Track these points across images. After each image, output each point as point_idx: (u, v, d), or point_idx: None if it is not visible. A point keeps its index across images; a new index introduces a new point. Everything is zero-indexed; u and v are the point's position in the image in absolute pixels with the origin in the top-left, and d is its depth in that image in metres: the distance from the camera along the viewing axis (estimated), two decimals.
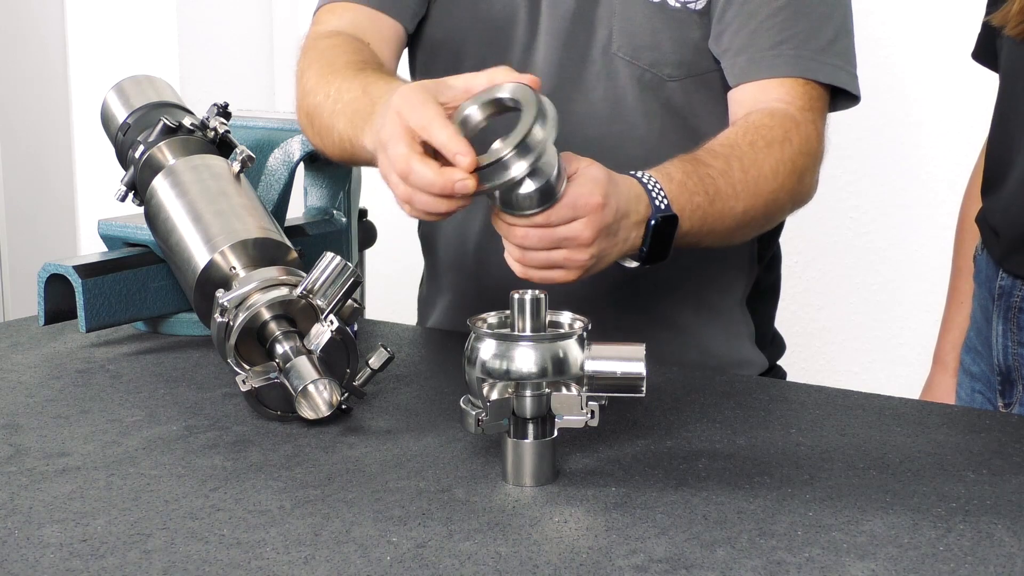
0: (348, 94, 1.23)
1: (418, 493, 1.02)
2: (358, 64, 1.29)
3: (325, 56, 1.33)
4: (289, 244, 1.31)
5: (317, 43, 1.37)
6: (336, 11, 1.44)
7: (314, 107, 1.29)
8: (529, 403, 1.01)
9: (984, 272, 1.52)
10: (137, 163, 1.40)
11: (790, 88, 1.35)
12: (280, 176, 1.54)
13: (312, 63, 1.33)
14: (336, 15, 1.43)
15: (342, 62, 1.30)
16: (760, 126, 1.30)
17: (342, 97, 1.24)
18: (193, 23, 3.04)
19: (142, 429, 1.18)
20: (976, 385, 1.54)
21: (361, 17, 1.42)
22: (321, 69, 1.30)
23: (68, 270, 1.40)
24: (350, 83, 1.24)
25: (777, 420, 1.19)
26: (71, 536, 0.94)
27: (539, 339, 1.01)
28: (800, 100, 1.34)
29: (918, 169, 2.49)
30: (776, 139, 1.29)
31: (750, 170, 1.26)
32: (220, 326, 1.20)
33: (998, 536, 0.94)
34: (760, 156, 1.27)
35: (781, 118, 1.32)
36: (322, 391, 1.15)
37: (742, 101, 1.37)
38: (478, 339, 1.03)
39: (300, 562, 0.90)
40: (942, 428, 1.16)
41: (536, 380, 1.01)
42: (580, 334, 1.03)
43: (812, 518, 0.97)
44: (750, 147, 1.27)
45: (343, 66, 1.29)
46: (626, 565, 0.89)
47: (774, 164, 1.27)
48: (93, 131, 1.85)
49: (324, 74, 1.29)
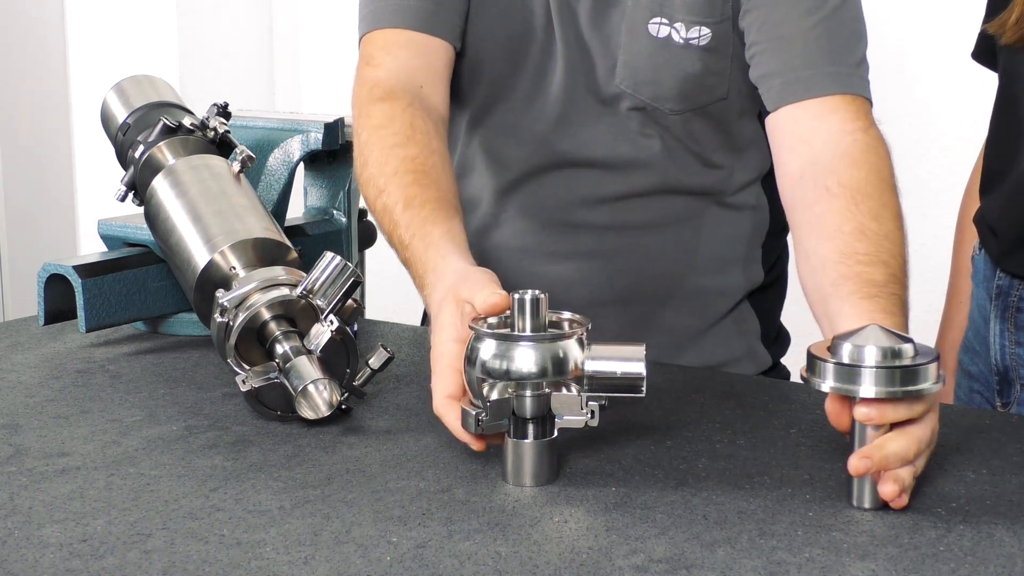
0: (404, 231, 1.22)
1: (418, 493, 1.02)
2: (412, 178, 1.26)
3: (384, 142, 1.30)
4: (289, 244, 1.31)
5: (371, 112, 1.34)
6: (387, 46, 1.40)
7: (379, 209, 1.27)
8: (529, 403, 1.01)
9: (982, 272, 1.52)
10: (137, 163, 1.40)
11: (846, 109, 1.29)
12: (280, 176, 1.54)
13: (371, 147, 1.31)
14: (387, 52, 1.40)
15: (394, 169, 1.27)
16: (861, 186, 1.22)
17: (397, 225, 1.23)
18: (193, 23, 3.04)
19: (142, 429, 1.18)
20: (974, 385, 1.54)
21: (411, 52, 1.39)
22: (380, 167, 1.28)
23: (68, 270, 1.40)
24: (406, 216, 1.23)
25: (777, 420, 1.19)
26: (71, 536, 0.94)
27: (539, 339, 1.01)
28: (860, 119, 1.29)
29: (917, 169, 2.49)
30: (884, 191, 1.23)
31: (895, 247, 1.18)
32: (220, 326, 1.20)
33: (998, 536, 0.94)
34: (888, 226, 1.20)
35: (863, 158, 1.25)
36: (322, 391, 1.15)
37: (795, 133, 1.30)
38: (478, 339, 1.03)
39: (300, 562, 0.90)
40: (942, 428, 1.16)
41: (536, 380, 1.01)
42: (580, 334, 1.03)
43: (812, 518, 0.97)
44: (876, 222, 1.19)
45: (399, 176, 1.26)
46: (626, 565, 0.89)
47: (893, 218, 1.21)
48: (93, 131, 1.85)
49: (383, 172, 1.27)
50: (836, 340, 0.98)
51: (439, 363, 1.06)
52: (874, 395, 0.95)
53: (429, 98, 1.37)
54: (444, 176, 1.27)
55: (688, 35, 1.37)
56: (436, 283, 1.14)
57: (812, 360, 0.98)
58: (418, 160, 1.27)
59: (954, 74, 2.41)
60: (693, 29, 1.37)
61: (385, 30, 1.41)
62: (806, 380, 0.98)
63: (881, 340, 0.96)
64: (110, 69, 2.77)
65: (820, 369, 0.97)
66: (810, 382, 0.98)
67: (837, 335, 0.98)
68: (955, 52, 2.38)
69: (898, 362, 0.95)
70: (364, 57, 1.41)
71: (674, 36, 1.37)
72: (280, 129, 1.55)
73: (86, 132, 3.08)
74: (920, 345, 0.98)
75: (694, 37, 1.37)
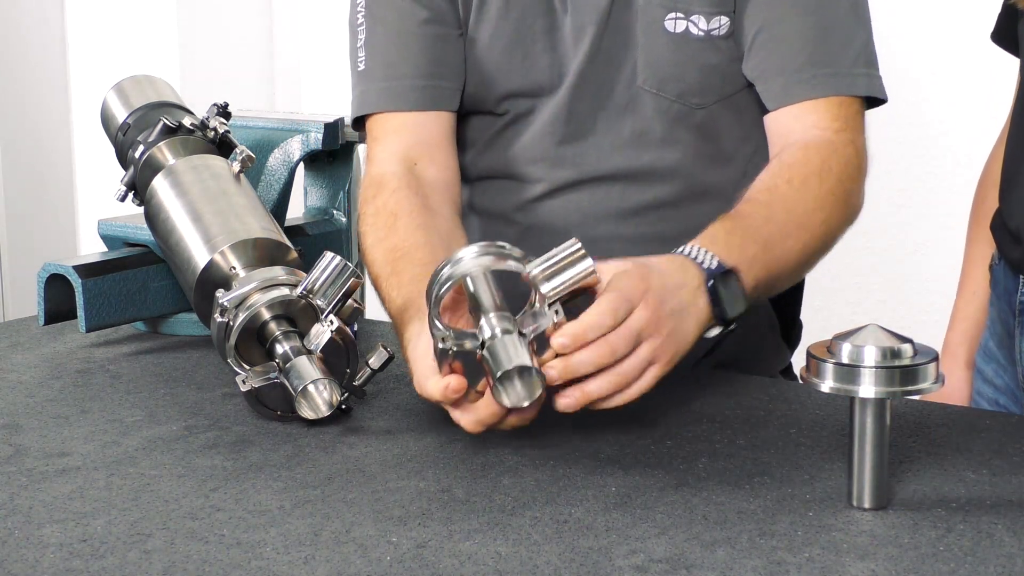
0: (396, 320, 1.26)
1: (418, 493, 1.02)
2: (391, 268, 1.29)
3: (374, 237, 1.34)
4: (289, 244, 1.31)
5: (365, 211, 1.37)
6: (379, 136, 1.43)
7: (382, 300, 1.31)
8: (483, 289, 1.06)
9: (1002, 284, 1.46)
10: (137, 163, 1.40)
11: (824, 111, 1.34)
12: (280, 176, 1.54)
13: (364, 240, 1.35)
14: (378, 142, 1.43)
15: (381, 261, 1.31)
16: (794, 163, 1.30)
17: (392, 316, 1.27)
18: (193, 23, 3.04)
19: (142, 429, 1.18)
20: (1000, 398, 1.49)
21: (403, 135, 1.42)
22: (372, 262, 1.33)
23: (68, 270, 1.40)
24: (392, 308, 1.27)
25: (777, 420, 1.19)
26: (71, 536, 0.94)
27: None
28: (836, 122, 1.34)
29: (920, 168, 2.48)
30: (813, 172, 1.29)
31: (795, 208, 1.26)
32: (220, 326, 1.20)
33: (998, 536, 0.93)
34: (800, 193, 1.27)
35: (817, 148, 1.31)
36: (322, 391, 1.15)
37: (778, 132, 1.36)
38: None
39: (300, 562, 0.90)
40: (942, 428, 1.16)
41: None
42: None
43: (812, 518, 0.97)
44: (788, 185, 1.27)
45: (384, 266, 1.30)
46: (626, 565, 0.89)
47: (817, 196, 1.28)
48: (93, 131, 1.85)
49: (375, 266, 1.32)
50: (836, 340, 0.98)
51: (415, 365, 1.10)
52: (874, 395, 0.95)
53: (424, 172, 1.40)
54: (423, 248, 1.28)
55: (709, 26, 1.37)
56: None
57: (811, 360, 0.98)
58: (398, 249, 1.29)
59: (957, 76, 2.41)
60: (714, 20, 1.37)
61: (379, 115, 1.44)
62: (806, 380, 0.98)
63: (880, 340, 0.96)
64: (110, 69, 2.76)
65: (819, 369, 0.97)
66: (810, 382, 0.98)
67: (837, 335, 0.98)
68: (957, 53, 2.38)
69: (897, 362, 0.95)
70: (366, 148, 1.45)
71: (692, 29, 1.38)
72: (280, 129, 1.55)
73: (86, 132, 3.07)
74: (919, 345, 0.98)
75: (715, 28, 1.37)
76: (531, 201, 1.46)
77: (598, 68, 1.41)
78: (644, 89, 1.40)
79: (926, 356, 0.97)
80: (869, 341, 0.96)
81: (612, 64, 1.40)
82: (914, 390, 0.96)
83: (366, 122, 1.46)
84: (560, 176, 1.44)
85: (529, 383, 1.02)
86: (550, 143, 1.43)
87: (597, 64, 1.41)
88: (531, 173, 1.45)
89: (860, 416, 0.97)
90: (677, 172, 1.42)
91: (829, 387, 0.97)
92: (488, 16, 1.43)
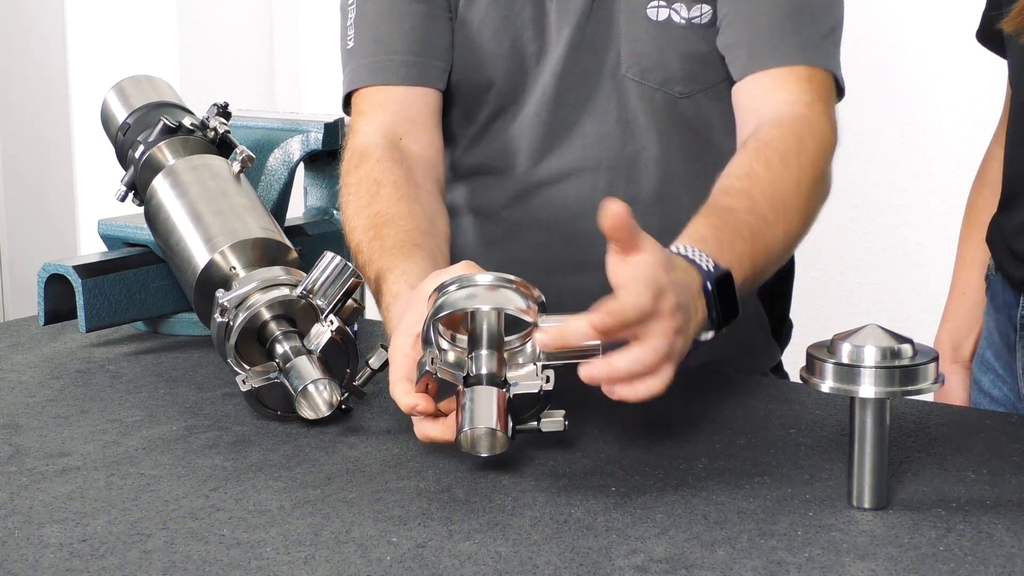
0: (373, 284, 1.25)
1: (418, 493, 1.02)
2: (374, 232, 1.29)
3: (357, 204, 1.33)
4: (289, 244, 1.31)
5: (347, 181, 1.36)
6: (365, 110, 1.43)
7: (360, 266, 1.30)
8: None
9: (1001, 297, 1.44)
10: (137, 163, 1.40)
11: (795, 82, 1.32)
12: (280, 176, 1.54)
13: (346, 209, 1.34)
14: (364, 116, 1.42)
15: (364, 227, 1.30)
16: (770, 142, 1.27)
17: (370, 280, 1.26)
18: (193, 23, 3.04)
19: (142, 429, 1.18)
20: (999, 410, 1.45)
21: (389, 110, 1.41)
22: (352, 228, 1.32)
23: (68, 270, 1.40)
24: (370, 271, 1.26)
25: (777, 420, 1.19)
26: (71, 536, 0.94)
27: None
28: (807, 94, 1.32)
29: (917, 168, 2.49)
30: (791, 150, 1.26)
31: (775, 194, 1.23)
32: (220, 326, 1.20)
33: (998, 536, 0.94)
34: (779, 175, 1.24)
35: (791, 125, 1.29)
36: (322, 391, 1.15)
37: (749, 107, 1.34)
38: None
39: (300, 562, 0.90)
40: (942, 428, 1.16)
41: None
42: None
43: (812, 518, 0.97)
44: (766, 168, 1.24)
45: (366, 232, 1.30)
46: (626, 565, 0.89)
47: (796, 177, 1.25)
48: (93, 131, 1.85)
49: (355, 231, 1.31)
50: (836, 340, 0.98)
51: (394, 355, 1.09)
52: (873, 395, 0.95)
53: (409, 147, 1.39)
54: (407, 218, 1.28)
55: (691, 14, 1.38)
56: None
57: (811, 360, 0.98)
58: (380, 216, 1.29)
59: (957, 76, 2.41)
60: (695, 8, 1.38)
61: (365, 89, 1.43)
62: (806, 380, 0.98)
63: (880, 340, 0.96)
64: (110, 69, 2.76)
65: (819, 369, 0.97)
66: (810, 382, 0.98)
67: (837, 335, 0.98)
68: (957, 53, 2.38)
69: (897, 362, 0.95)
70: (351, 121, 1.44)
71: (674, 17, 1.38)
72: (280, 129, 1.56)
73: (86, 132, 3.07)
74: (919, 345, 0.98)
75: (696, 16, 1.38)
76: (519, 195, 1.46)
77: (583, 56, 1.41)
78: (628, 77, 1.40)
79: (926, 356, 0.97)
80: (869, 341, 0.96)
81: (596, 52, 1.41)
82: (914, 390, 0.96)
83: (352, 97, 1.46)
84: (547, 168, 1.44)
85: (493, 440, 1.02)
86: (537, 133, 1.43)
87: (582, 52, 1.41)
88: (519, 165, 1.45)
89: (860, 416, 0.97)
90: (660, 163, 1.42)
91: (829, 387, 0.97)
92: (478, 1, 1.43)
